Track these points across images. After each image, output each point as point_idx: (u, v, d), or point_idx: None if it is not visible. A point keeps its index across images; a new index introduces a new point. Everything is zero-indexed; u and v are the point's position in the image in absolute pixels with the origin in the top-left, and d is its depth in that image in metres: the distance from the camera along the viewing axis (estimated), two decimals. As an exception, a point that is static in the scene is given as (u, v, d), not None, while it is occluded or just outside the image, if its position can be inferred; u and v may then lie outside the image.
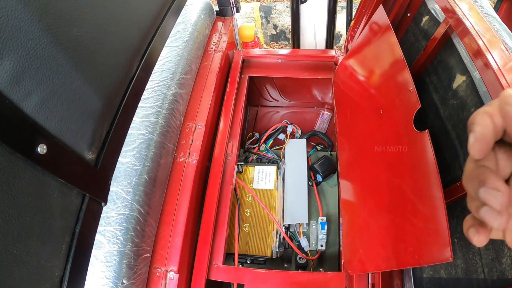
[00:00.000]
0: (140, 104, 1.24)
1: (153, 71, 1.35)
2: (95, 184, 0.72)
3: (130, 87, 0.81)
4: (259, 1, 4.15)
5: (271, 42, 4.12)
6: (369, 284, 1.14)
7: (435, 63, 1.22)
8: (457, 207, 1.03)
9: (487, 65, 0.87)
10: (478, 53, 0.92)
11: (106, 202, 0.77)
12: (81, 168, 0.67)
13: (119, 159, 1.11)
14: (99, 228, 1.02)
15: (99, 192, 0.74)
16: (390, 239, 0.99)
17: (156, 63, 1.37)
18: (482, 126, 0.36)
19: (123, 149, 1.14)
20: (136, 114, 1.21)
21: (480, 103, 0.97)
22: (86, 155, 0.68)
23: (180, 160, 1.26)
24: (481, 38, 0.91)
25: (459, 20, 1.00)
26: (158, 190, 1.16)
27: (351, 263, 1.17)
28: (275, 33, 4.05)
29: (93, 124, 0.69)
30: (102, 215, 0.98)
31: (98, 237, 1.02)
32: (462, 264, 0.99)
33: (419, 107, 0.94)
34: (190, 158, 1.26)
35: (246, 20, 3.97)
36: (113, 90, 0.74)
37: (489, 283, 0.88)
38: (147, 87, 1.29)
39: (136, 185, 1.10)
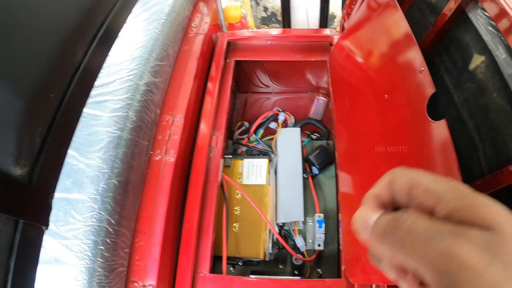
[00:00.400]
0: (108, 97, 1.08)
1: (124, 59, 1.19)
2: (29, 205, 0.57)
3: (75, 80, 0.65)
4: (248, -18, 3.97)
5: (262, 25, 3.94)
6: (373, 295, 1.01)
7: (447, 41, 1.07)
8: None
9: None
10: (508, 29, 0.77)
11: (47, 225, 0.61)
12: (5, 188, 0.51)
13: (85, 161, 0.97)
14: (66, 242, 0.89)
15: (36, 214, 0.59)
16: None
17: (128, 49, 1.22)
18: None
19: (89, 149, 0.99)
20: (103, 108, 1.06)
21: (504, 87, 0.82)
22: (13, 171, 0.53)
23: (156, 158, 1.11)
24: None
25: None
26: (131, 196, 1.02)
27: (352, 270, 1.03)
28: (266, 15, 3.86)
29: (17, 131, 0.53)
30: (68, 226, 0.84)
31: (65, 252, 0.89)
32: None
33: (433, 91, 0.79)
34: (167, 155, 1.10)
35: (236, 2, 3.79)
36: (43, 85, 0.58)
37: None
38: (116, 77, 1.13)
39: (104, 191, 0.95)
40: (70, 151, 0.99)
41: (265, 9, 3.80)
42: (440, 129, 0.76)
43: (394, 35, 1.02)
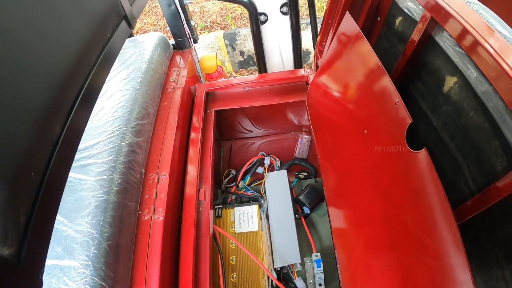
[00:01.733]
0: (92, 161, 1.08)
1: (105, 121, 1.20)
2: (20, 285, 0.55)
3: (55, 153, 0.65)
4: (222, 29, 4.05)
5: (240, 69, 4.01)
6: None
7: (418, 67, 1.09)
8: (469, 228, 0.89)
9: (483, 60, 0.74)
10: (472, 47, 0.79)
11: (40, 302, 0.60)
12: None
13: (74, 227, 0.96)
14: None
15: (28, 293, 0.57)
16: (398, 282, 0.83)
17: (108, 111, 1.23)
18: None
19: (77, 215, 0.98)
20: (88, 172, 1.06)
21: (480, 105, 0.84)
22: (0, 252, 0.52)
23: (145, 218, 1.09)
24: (474, 29, 0.78)
25: (443, 12, 0.88)
26: (122, 259, 1.00)
27: (356, 309, 1.01)
28: (243, 59, 3.94)
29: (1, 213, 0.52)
30: None
31: None
32: (485, 292, 0.84)
33: (409, 122, 0.80)
34: (156, 214, 1.09)
35: (212, 51, 3.85)
36: (22, 166, 0.58)
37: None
38: (98, 139, 1.14)
39: (95, 257, 0.93)
40: (58, 217, 0.98)
41: (242, 53, 3.88)
42: (422, 159, 0.77)
43: (366, 69, 1.04)
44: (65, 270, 0.91)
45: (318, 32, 1.74)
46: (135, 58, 1.48)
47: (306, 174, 1.70)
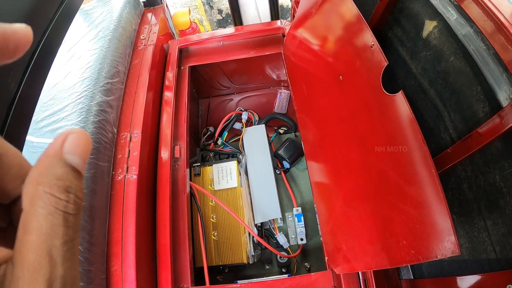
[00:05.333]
0: (62, 123, 1.04)
1: (73, 82, 1.14)
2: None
3: (10, 114, 0.61)
4: (198, -14, 3.92)
5: (219, 28, 3.90)
6: (361, 280, 0.99)
7: (396, 13, 1.06)
8: (450, 178, 0.88)
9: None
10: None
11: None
12: None
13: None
14: None
15: None
16: (377, 232, 0.82)
17: (76, 72, 1.18)
18: None
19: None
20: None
21: (461, 49, 0.81)
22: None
23: (119, 178, 1.06)
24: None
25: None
26: (97, 220, 0.97)
27: (335, 261, 1.01)
28: (221, 17, 3.83)
29: None
30: None
31: None
32: (466, 243, 0.84)
33: (385, 64, 0.77)
34: (129, 173, 1.06)
35: (181, 8, 3.72)
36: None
37: (503, 262, 0.73)
38: (67, 102, 1.09)
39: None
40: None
41: (220, 11, 3.77)
42: (398, 102, 0.74)
43: (342, 16, 1.00)
44: None
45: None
46: (104, 17, 1.41)
47: (285, 128, 1.67)
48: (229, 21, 3.80)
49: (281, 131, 1.65)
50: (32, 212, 0.25)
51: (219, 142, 1.63)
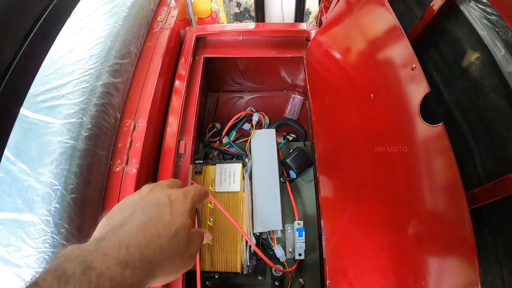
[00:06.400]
0: (62, 101, 0.95)
1: (79, 57, 1.06)
2: None
3: (3, 84, 0.53)
4: (219, -24, 3.83)
5: (235, 22, 3.82)
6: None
7: (436, 35, 0.98)
8: (472, 217, 0.80)
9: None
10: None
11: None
12: None
13: (36, 176, 0.84)
14: (19, 271, 0.78)
15: None
16: (393, 266, 0.75)
17: (84, 47, 1.09)
18: None
19: (40, 162, 0.86)
20: (56, 114, 0.93)
21: (503, 86, 0.74)
22: None
23: (117, 169, 0.98)
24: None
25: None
26: (89, 214, 0.89)
27: (339, 286, 0.93)
28: (239, 11, 3.74)
29: None
30: (20, 252, 0.76)
31: (19, 283, 0.78)
32: None
33: (427, 91, 0.70)
34: (128, 166, 0.98)
35: (206, -3, 3.63)
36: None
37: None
38: (70, 78, 1.00)
39: (56, 212, 0.82)
40: (21, 165, 0.86)
41: (238, 4, 3.68)
42: (436, 134, 0.67)
43: (379, 29, 0.92)
44: (24, 226, 0.80)
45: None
46: (121, -8, 1.32)
47: (294, 136, 1.59)
48: (246, 15, 3.72)
49: (290, 138, 1.57)
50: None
51: (225, 141, 1.54)
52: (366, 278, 0.84)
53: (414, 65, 0.74)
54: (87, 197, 0.89)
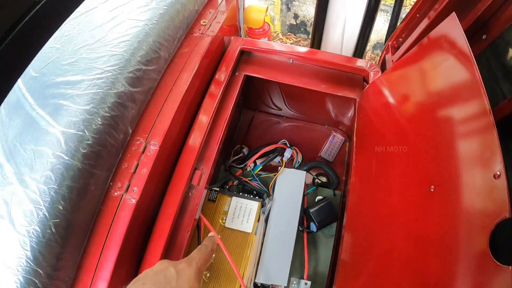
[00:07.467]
0: (68, 103, 0.82)
1: (99, 54, 0.92)
2: None
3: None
4: (284, -17, 3.66)
5: (289, 33, 3.65)
6: None
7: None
8: None
9: None
10: None
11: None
12: None
13: (24, 186, 0.73)
14: None
15: None
16: None
17: (108, 41, 0.95)
18: None
19: (30, 171, 0.73)
20: (59, 117, 0.79)
21: None
22: None
23: (116, 194, 0.83)
24: None
25: None
26: (72, 241, 0.76)
27: None
28: (295, 23, 3.57)
29: None
30: None
31: None
32: None
33: (507, 217, 0.51)
34: (128, 194, 0.83)
35: (263, 3, 3.47)
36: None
37: None
38: (84, 77, 0.86)
39: (35, 235, 0.70)
40: (13, 167, 0.74)
41: (296, 16, 3.51)
42: (504, 278, 0.49)
43: (460, 101, 0.72)
44: (2, 235, 0.70)
45: (398, 22, 1.41)
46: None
47: (325, 180, 1.42)
48: (302, 29, 3.55)
49: (319, 182, 1.40)
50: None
51: (249, 169, 1.39)
52: None
53: (499, 172, 0.55)
54: (73, 224, 0.75)
